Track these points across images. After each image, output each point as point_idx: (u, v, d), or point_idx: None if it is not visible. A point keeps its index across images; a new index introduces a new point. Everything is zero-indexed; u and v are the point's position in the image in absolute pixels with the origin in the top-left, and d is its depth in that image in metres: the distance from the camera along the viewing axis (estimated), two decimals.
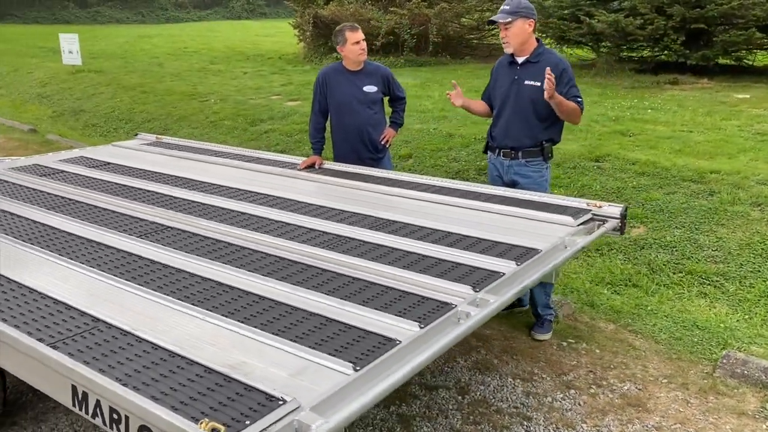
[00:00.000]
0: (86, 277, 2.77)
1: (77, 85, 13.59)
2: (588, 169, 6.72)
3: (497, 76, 4.15)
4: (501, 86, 4.06)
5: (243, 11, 41.99)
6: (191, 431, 1.69)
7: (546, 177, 4.06)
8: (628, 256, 5.27)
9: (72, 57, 14.59)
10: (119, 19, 37.24)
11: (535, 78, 3.88)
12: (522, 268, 2.84)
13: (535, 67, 3.91)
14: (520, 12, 3.86)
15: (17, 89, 14.38)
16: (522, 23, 3.87)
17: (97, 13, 37.25)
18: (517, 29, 3.87)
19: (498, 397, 3.40)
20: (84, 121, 11.54)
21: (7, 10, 35.51)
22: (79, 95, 13.01)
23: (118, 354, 2.12)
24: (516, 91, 3.95)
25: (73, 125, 11.40)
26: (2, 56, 18.44)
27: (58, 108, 12.60)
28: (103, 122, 11.30)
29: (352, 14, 15.31)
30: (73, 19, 36.12)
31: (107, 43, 22.36)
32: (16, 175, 4.46)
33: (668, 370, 3.68)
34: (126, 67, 15.41)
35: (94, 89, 13.15)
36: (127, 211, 3.67)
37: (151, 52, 19.18)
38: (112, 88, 13.06)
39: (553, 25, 12.86)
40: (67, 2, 37.29)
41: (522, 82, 3.92)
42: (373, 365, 2.08)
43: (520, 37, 3.89)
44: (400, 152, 7.98)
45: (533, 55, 3.93)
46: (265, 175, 4.49)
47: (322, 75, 4.58)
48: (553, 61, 3.89)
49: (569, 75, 3.88)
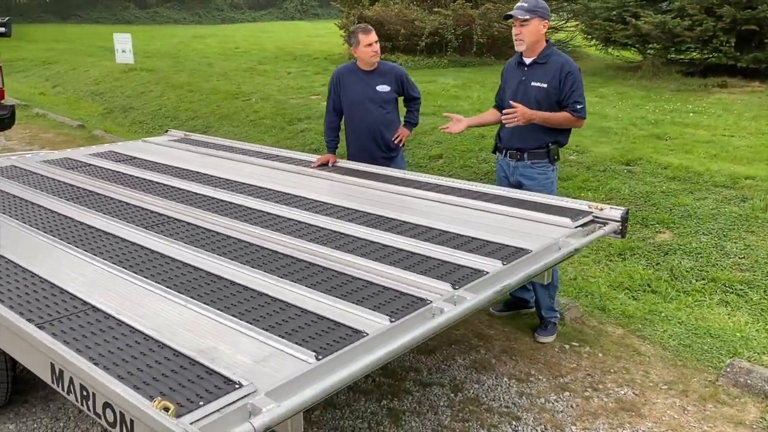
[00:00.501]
0: (87, 264, 2.92)
1: (128, 83, 14.08)
2: (618, 172, 6.62)
3: (506, 77, 4.17)
4: (509, 87, 4.08)
5: (296, 12, 42.64)
6: (144, 408, 1.78)
7: (552, 179, 4.04)
8: (651, 261, 5.19)
9: (125, 56, 15.13)
10: (176, 20, 38.34)
11: (542, 79, 3.89)
12: (507, 268, 2.85)
13: (542, 69, 3.91)
14: (537, 11, 3.86)
15: (73, 87, 14.99)
16: (538, 23, 3.88)
17: (156, 14, 38.46)
18: (532, 27, 3.87)
19: (491, 396, 3.41)
20: (132, 118, 11.96)
21: (72, 11, 37.03)
22: (130, 93, 13.47)
23: (98, 336, 2.24)
24: (523, 92, 3.96)
25: (121, 122, 11.83)
26: (62, 55, 19.24)
27: (109, 105, 13.08)
28: (149, 119, 11.69)
29: (397, 15, 15.41)
30: (133, 20, 37.39)
31: (162, 43, 23.05)
32: (46, 167, 4.70)
33: (670, 377, 3.62)
34: (176, 66, 15.87)
35: (144, 87, 13.60)
36: (139, 203, 3.83)
37: (202, 52, 19.69)
38: (160, 87, 13.47)
39: (598, 27, 12.67)
40: (127, 3, 38.61)
41: (529, 83, 3.93)
42: (335, 355, 2.14)
43: (534, 36, 3.90)
44: (431, 152, 8.03)
45: (541, 57, 3.93)
46: (279, 171, 4.60)
47: (336, 74, 4.67)
48: (560, 63, 3.88)
49: (574, 78, 3.86)
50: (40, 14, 36.22)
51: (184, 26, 35.87)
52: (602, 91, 10.79)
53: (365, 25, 4.54)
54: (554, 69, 3.87)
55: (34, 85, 15.78)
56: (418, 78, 12.90)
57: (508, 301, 4.39)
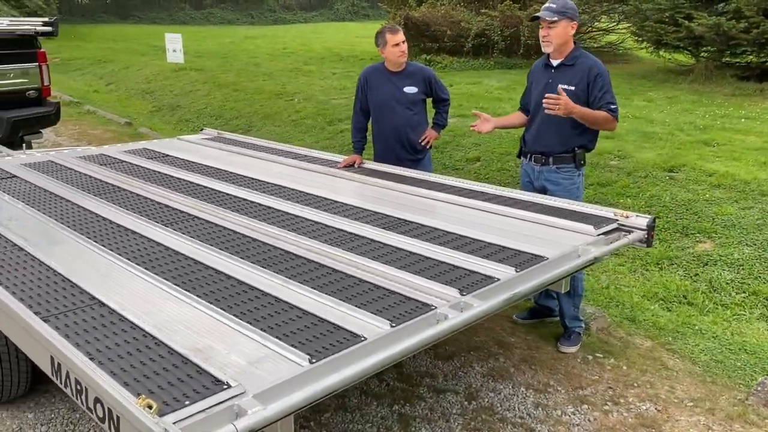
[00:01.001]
0: (102, 259, 2.96)
1: (177, 82, 14.38)
2: (660, 179, 6.41)
3: (533, 79, 4.07)
4: (536, 89, 3.99)
5: (347, 13, 42.91)
6: (127, 405, 1.78)
7: (577, 184, 3.93)
8: (689, 271, 5.00)
9: (175, 55, 15.46)
10: (230, 20, 39.05)
11: (569, 82, 3.79)
12: (520, 275, 2.77)
13: (570, 71, 3.81)
14: (566, 12, 3.77)
15: (125, 85, 15.40)
16: (566, 24, 3.78)
17: (210, 14, 39.26)
18: (560, 29, 3.78)
19: (505, 406, 3.33)
20: (178, 117, 12.20)
21: (131, 11, 38.15)
22: (178, 92, 13.75)
23: (98, 331, 2.26)
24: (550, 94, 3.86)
25: (168, 120, 12.09)
26: (118, 54, 19.79)
27: (157, 103, 13.39)
28: (195, 118, 11.90)
29: (443, 16, 15.32)
30: (188, 20, 38.26)
31: (213, 43, 23.49)
32: (81, 163, 4.82)
33: (697, 394, 3.46)
34: (224, 66, 16.13)
35: (192, 86, 13.87)
36: (163, 200, 3.88)
37: (252, 52, 19.97)
38: (208, 86, 13.72)
39: (649, 29, 12.32)
40: (183, 4, 39.53)
41: (556, 86, 3.82)
42: (329, 359, 2.11)
43: (562, 38, 3.80)
44: (468, 155, 7.94)
45: (569, 58, 3.83)
46: (305, 172, 4.61)
47: (364, 75, 4.64)
48: (588, 65, 3.77)
49: (603, 80, 3.74)
50: (101, 14, 37.43)
51: (237, 27, 36.51)
52: (651, 95, 10.49)
53: (392, 24, 4.51)
54: (582, 71, 3.76)
55: (89, 83, 16.28)
56: (463, 79, 12.86)
57: (533, 309, 4.28)
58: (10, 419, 3.23)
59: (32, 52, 6.44)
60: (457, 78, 13.26)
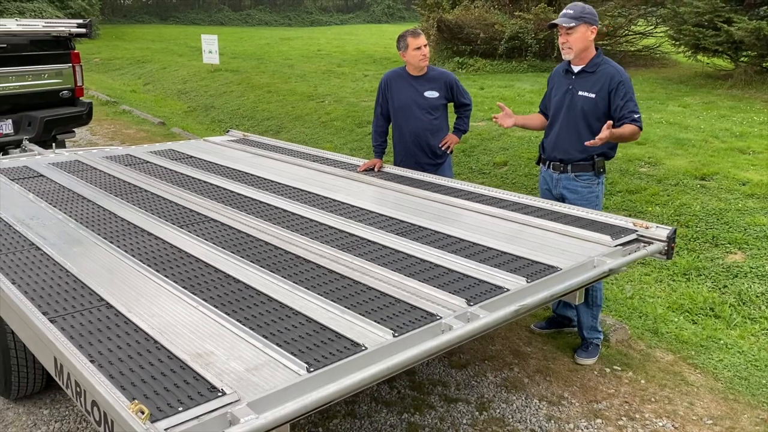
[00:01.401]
0: (115, 259, 3.00)
1: (212, 83, 14.56)
2: (691, 187, 6.25)
3: (553, 84, 4.00)
4: (555, 95, 3.92)
5: (383, 15, 42.95)
6: (119, 410, 1.79)
7: (596, 193, 3.84)
8: (717, 283, 4.87)
9: (211, 56, 15.66)
10: (267, 22, 39.43)
11: (590, 89, 3.71)
12: (530, 286, 2.72)
13: (591, 78, 3.73)
14: (584, 17, 3.69)
15: (162, 85, 15.65)
16: (585, 29, 3.70)
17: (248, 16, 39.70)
18: (579, 35, 3.70)
19: (517, 418, 3.27)
20: (212, 117, 12.35)
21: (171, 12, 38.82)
22: (213, 92, 13.93)
23: (102, 333, 2.28)
24: (569, 101, 3.80)
25: (201, 120, 12.24)
26: (157, 54, 20.13)
27: (192, 103, 13.57)
28: (228, 118, 12.03)
29: (477, 18, 15.20)
30: (226, 21, 38.75)
31: (250, 44, 23.74)
32: (106, 163, 4.90)
33: (718, 411, 3.35)
34: (259, 67, 16.28)
35: (226, 87, 14.02)
36: (181, 202, 3.92)
37: (286, 54, 20.12)
38: (242, 87, 13.86)
39: (687, 33, 12.04)
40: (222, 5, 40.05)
41: (576, 92, 3.76)
42: (326, 369, 2.09)
43: (581, 43, 3.72)
44: (495, 159, 7.86)
45: (590, 65, 3.75)
46: (324, 175, 4.61)
47: (385, 79, 4.63)
48: (610, 72, 3.68)
49: (626, 88, 3.65)
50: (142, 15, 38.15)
51: (274, 28, 36.86)
52: (687, 101, 10.25)
53: (415, 28, 4.47)
54: (604, 79, 3.68)
55: (127, 83, 16.59)
56: (495, 82, 12.76)
57: (551, 318, 4.21)
58: (26, 415, 3.30)
59: (66, 53, 6.59)
60: (489, 81, 13.16)
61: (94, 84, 15.60)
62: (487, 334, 4.10)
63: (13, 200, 3.90)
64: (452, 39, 15.67)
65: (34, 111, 6.39)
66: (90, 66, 19.32)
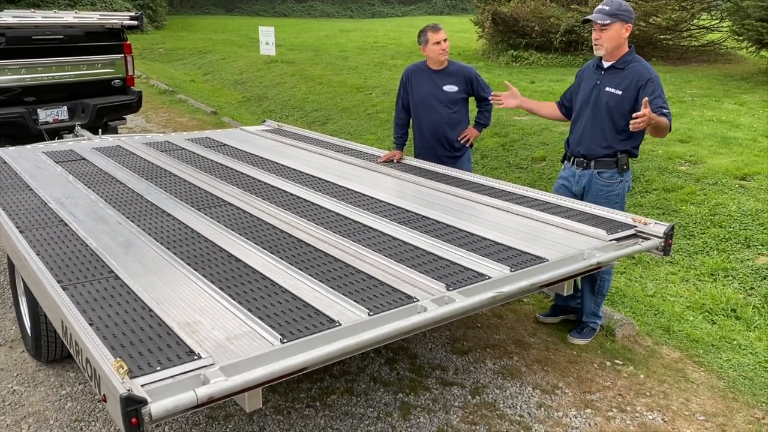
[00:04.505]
0: (132, 236, 3.25)
1: (267, 74, 14.94)
2: (729, 186, 6.14)
3: (582, 78, 3.97)
4: (583, 90, 3.90)
5: (445, 7, 42.76)
6: (103, 366, 2.01)
7: (617, 192, 3.81)
8: (744, 284, 4.81)
9: (267, 48, 16.06)
10: (330, 14, 39.88)
11: (617, 86, 3.69)
12: (513, 275, 2.82)
13: (619, 74, 3.71)
14: (620, 15, 3.65)
15: (220, 75, 16.16)
16: (620, 27, 3.66)
17: (311, 8, 40.22)
18: (613, 32, 3.66)
19: (508, 404, 3.37)
20: (264, 107, 12.71)
21: (236, 4, 39.70)
22: (267, 83, 14.30)
23: (105, 300, 2.52)
24: (596, 96, 3.79)
25: (254, 110, 12.61)
26: (218, 45, 20.74)
27: (247, 94, 13.98)
28: (279, 109, 12.36)
29: (532, 11, 15.06)
30: (290, 13, 39.39)
31: (309, 36, 24.13)
32: (145, 148, 5.21)
33: (712, 409, 3.37)
34: (314, 59, 16.58)
35: (280, 78, 14.37)
36: (204, 186, 4.16)
37: (343, 46, 20.38)
38: (295, 78, 14.18)
39: (750, 27, 11.64)
40: None
41: (603, 88, 3.74)
42: (299, 341, 2.26)
43: (615, 41, 3.69)
44: (534, 154, 7.87)
45: (620, 62, 3.72)
46: (345, 165, 4.78)
47: (406, 72, 4.75)
48: (639, 70, 3.65)
49: (655, 85, 3.59)
50: (209, 6, 39.18)
51: (335, 20, 37.27)
52: (744, 98, 9.95)
53: (435, 23, 4.57)
54: (633, 76, 3.65)
55: (188, 73, 17.19)
56: (547, 76, 12.65)
57: (555, 307, 4.28)
58: (54, 377, 3.60)
59: (119, 44, 6.97)
60: (541, 75, 13.06)
61: (156, 73, 16.24)
62: (492, 324, 4.21)
63: (53, 181, 4.23)
64: (507, 32, 15.56)
65: (88, 99, 6.81)
66: (154, 56, 20.09)
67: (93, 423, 3.21)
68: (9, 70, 6.30)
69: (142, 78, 15.01)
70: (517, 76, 13.18)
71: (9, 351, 3.89)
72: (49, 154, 4.98)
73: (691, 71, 12.89)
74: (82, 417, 3.26)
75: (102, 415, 3.26)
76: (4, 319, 4.26)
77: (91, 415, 3.27)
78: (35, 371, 3.67)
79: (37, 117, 6.53)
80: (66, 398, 3.42)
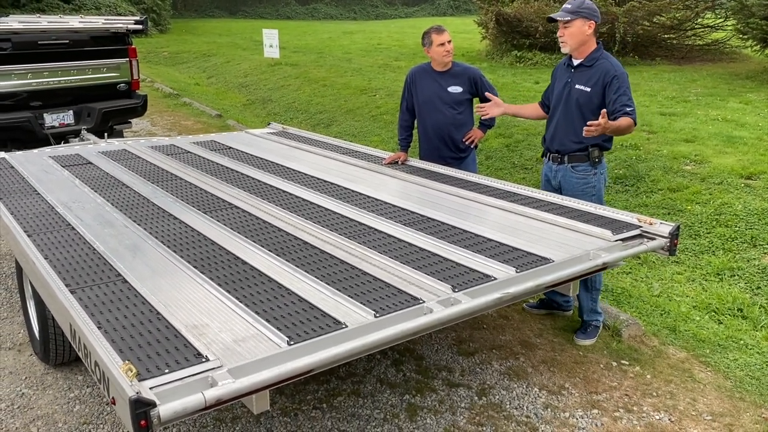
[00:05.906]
0: (139, 240, 3.26)
1: (272, 77, 14.98)
2: (735, 186, 6.14)
3: (556, 77, 4.12)
4: (557, 88, 4.04)
5: (448, 8, 42.78)
6: (112, 368, 2.02)
7: (593, 184, 3.92)
8: (751, 284, 4.80)
9: (272, 50, 16.09)
10: (333, 16, 39.95)
11: (586, 83, 3.82)
12: (518, 276, 2.82)
13: (588, 72, 3.84)
14: (581, 12, 3.79)
15: (224, 78, 16.21)
16: (581, 24, 3.79)
17: (315, 10, 40.30)
18: (575, 29, 3.80)
19: (514, 405, 3.37)
20: (269, 110, 12.73)
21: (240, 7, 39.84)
22: (271, 86, 14.33)
23: (113, 303, 2.54)
24: (567, 94, 3.92)
25: (258, 113, 12.64)
26: (222, 48, 20.80)
27: (251, 96, 14.02)
28: (283, 111, 12.39)
29: (536, 12, 15.04)
30: (293, 15, 39.49)
31: (312, 38, 24.17)
32: (150, 152, 5.23)
33: (719, 409, 3.36)
34: (318, 61, 16.62)
35: (284, 81, 14.40)
36: (209, 189, 4.18)
37: (347, 48, 20.41)
38: (299, 81, 14.21)
39: (754, 26, 11.61)
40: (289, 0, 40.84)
41: (573, 86, 3.88)
42: (306, 343, 2.27)
43: (577, 37, 3.82)
44: (538, 154, 7.85)
45: (588, 59, 3.86)
46: (350, 166, 4.80)
47: (411, 74, 4.76)
48: (606, 67, 3.78)
49: (620, 83, 3.72)
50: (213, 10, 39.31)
51: (339, 22, 37.34)
52: (750, 97, 9.93)
53: (439, 25, 4.58)
54: (599, 73, 3.78)
55: (192, 76, 17.24)
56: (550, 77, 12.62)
57: (543, 300, 4.39)
58: (62, 379, 3.63)
59: (124, 48, 7.01)
60: (545, 75, 13.02)
61: (160, 76, 16.29)
62: (498, 325, 4.21)
63: (60, 185, 4.25)
64: (511, 32, 15.55)
65: (93, 103, 6.84)
66: (158, 59, 20.16)
67: (102, 426, 3.23)
68: (15, 75, 6.34)
69: (147, 81, 15.06)
70: (521, 76, 13.18)
71: (17, 354, 3.91)
72: (56, 158, 5.01)
73: (695, 70, 12.87)
74: (91, 420, 3.28)
75: (110, 417, 3.28)
76: (13, 322, 4.29)
77: (99, 418, 3.28)
78: (43, 374, 3.69)
79: (44, 121, 6.56)
80: (74, 401, 3.44)
